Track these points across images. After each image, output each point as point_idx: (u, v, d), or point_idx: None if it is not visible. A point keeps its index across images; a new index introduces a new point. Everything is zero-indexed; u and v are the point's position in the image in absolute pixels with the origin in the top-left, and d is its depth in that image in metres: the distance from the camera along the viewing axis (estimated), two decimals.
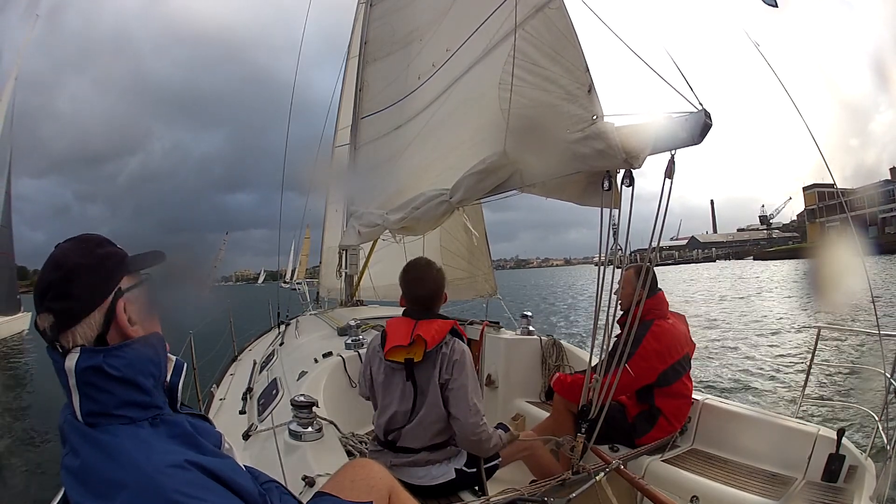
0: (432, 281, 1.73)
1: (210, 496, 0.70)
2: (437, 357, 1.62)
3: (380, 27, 4.03)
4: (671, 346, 2.10)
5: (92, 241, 0.81)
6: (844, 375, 5.84)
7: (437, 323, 1.66)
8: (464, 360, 1.62)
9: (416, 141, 3.28)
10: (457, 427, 1.62)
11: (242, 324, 4.80)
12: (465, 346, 1.68)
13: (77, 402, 0.74)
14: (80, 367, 0.73)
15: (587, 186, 1.79)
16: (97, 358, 0.74)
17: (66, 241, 0.80)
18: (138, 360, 0.77)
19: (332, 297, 5.96)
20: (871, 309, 1.78)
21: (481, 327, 3.12)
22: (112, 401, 0.74)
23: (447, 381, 1.61)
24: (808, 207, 52.89)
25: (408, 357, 1.63)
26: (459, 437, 1.64)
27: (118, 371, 0.74)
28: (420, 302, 1.73)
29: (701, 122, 1.43)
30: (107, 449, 0.70)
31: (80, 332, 0.75)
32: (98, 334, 0.76)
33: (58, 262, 0.77)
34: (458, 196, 2.28)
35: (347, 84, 5.67)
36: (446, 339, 1.64)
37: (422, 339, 1.61)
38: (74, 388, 0.74)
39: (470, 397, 1.60)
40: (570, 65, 1.80)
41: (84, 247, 0.79)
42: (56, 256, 0.78)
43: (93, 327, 0.76)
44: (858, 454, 1.77)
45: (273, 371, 2.76)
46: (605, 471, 1.63)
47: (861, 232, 24.54)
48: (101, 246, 0.81)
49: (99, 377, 0.74)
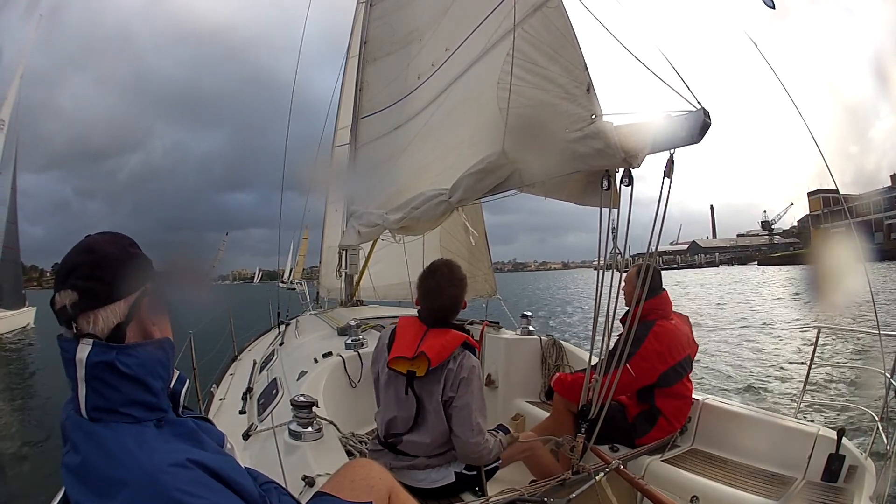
0: (448, 296, 1.65)
1: (211, 495, 0.70)
2: (443, 374, 1.57)
3: (379, 27, 4.04)
4: (673, 346, 2.10)
5: (126, 240, 0.83)
6: (844, 375, 5.84)
7: (448, 336, 1.60)
8: (471, 377, 1.57)
9: (416, 140, 3.28)
10: (457, 443, 1.59)
11: (241, 323, 4.80)
12: (476, 360, 1.62)
13: (83, 396, 0.73)
14: (92, 361, 0.73)
15: (586, 186, 1.78)
16: (110, 354, 0.74)
17: (99, 234, 0.82)
18: (150, 361, 0.77)
19: (332, 297, 5.96)
20: (872, 311, 1.79)
21: (481, 327, 3.12)
22: (119, 398, 0.74)
23: (451, 399, 1.57)
24: (813, 213, 52.89)
25: (410, 369, 1.59)
26: (459, 453, 1.62)
27: (130, 369, 0.74)
28: (433, 314, 1.67)
29: (700, 120, 1.43)
30: (109, 446, 0.70)
31: (102, 316, 0.75)
32: (119, 323, 0.76)
33: (90, 247, 0.78)
34: (458, 196, 2.27)
35: (347, 84, 5.67)
36: (455, 353, 1.58)
37: (425, 356, 1.56)
38: (82, 380, 0.73)
39: (473, 417, 1.56)
40: (568, 64, 1.80)
41: (118, 241, 0.81)
42: (88, 242, 0.79)
43: (116, 315, 0.76)
44: (858, 454, 1.77)
45: (273, 371, 2.75)
46: (604, 471, 1.62)
47: (866, 238, 24.42)
48: (133, 246, 0.83)
49: (109, 373, 0.73)
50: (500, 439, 1.69)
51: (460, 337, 1.61)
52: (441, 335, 1.61)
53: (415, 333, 1.64)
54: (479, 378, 1.61)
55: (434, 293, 1.65)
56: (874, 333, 1.94)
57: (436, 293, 1.65)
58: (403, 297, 5.06)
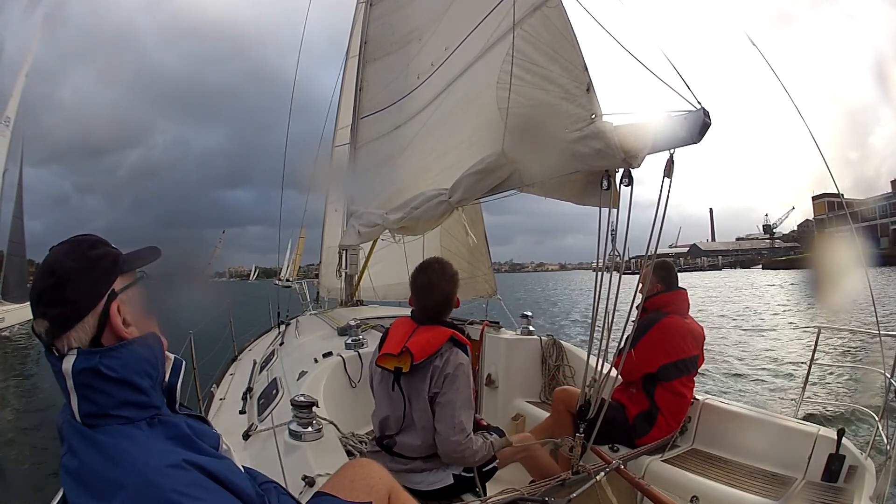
0: (440, 293, 1.65)
1: (208, 496, 0.70)
2: (429, 370, 1.57)
3: (379, 27, 4.03)
4: (677, 342, 2.12)
5: (85, 244, 0.80)
6: (844, 375, 5.84)
7: (434, 332, 1.60)
8: (457, 374, 1.56)
9: (416, 140, 3.28)
10: (438, 441, 1.57)
11: (238, 322, 4.79)
12: (465, 356, 1.61)
13: (75, 404, 0.74)
14: (77, 369, 0.73)
15: (586, 186, 1.78)
16: (93, 359, 0.74)
17: (60, 244, 0.80)
18: (134, 361, 0.77)
19: (332, 297, 5.96)
20: (871, 313, 1.79)
21: (481, 327, 3.12)
22: (109, 402, 0.74)
23: (436, 395, 1.57)
24: (818, 217, 52.76)
25: (397, 366, 1.60)
26: (441, 451, 1.59)
27: (114, 372, 0.75)
28: (425, 311, 1.67)
29: (700, 120, 1.42)
30: (105, 449, 0.70)
31: (74, 336, 0.75)
32: (92, 337, 0.76)
33: (51, 268, 0.77)
34: (458, 196, 2.27)
35: (347, 84, 5.67)
36: (442, 349, 1.58)
37: (408, 352, 1.56)
38: (72, 389, 0.74)
39: (455, 415, 1.54)
40: (568, 64, 1.80)
41: (77, 250, 0.79)
42: (49, 262, 0.78)
43: (87, 331, 0.76)
44: (858, 454, 1.77)
45: (273, 371, 2.75)
46: (605, 471, 1.62)
47: (872, 243, 24.63)
48: (93, 248, 0.80)
49: (95, 378, 0.74)
50: (490, 442, 1.66)
51: (447, 332, 1.61)
52: (428, 331, 1.61)
53: (404, 331, 1.65)
54: (466, 376, 1.59)
55: (426, 290, 1.66)
56: (874, 333, 1.94)
57: (428, 290, 1.66)
58: (403, 297, 5.03)
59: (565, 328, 13.54)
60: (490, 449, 1.64)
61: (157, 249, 0.87)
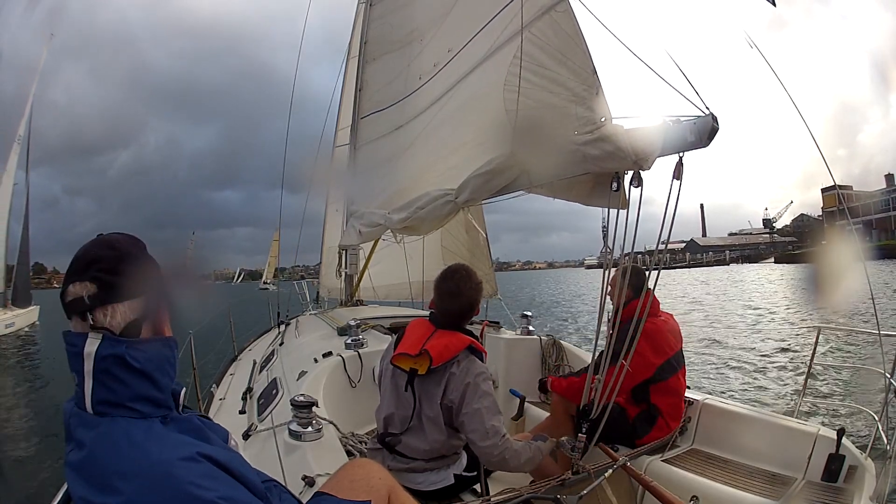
0: (466, 299, 1.66)
1: (222, 487, 0.70)
2: (445, 376, 1.57)
3: (380, 27, 4.03)
4: (664, 341, 2.13)
5: (141, 243, 0.83)
6: (844, 375, 5.84)
7: (453, 338, 1.60)
8: (478, 382, 1.55)
9: (418, 141, 3.28)
10: (476, 451, 1.57)
11: (232, 322, 4.79)
12: (484, 366, 1.61)
13: (89, 389, 0.73)
14: (102, 354, 0.73)
15: (595, 187, 1.80)
16: (120, 347, 0.74)
17: (115, 233, 0.82)
18: (158, 358, 0.78)
19: (332, 297, 5.96)
20: (872, 312, 1.79)
21: (481, 327, 3.12)
22: (127, 393, 0.74)
23: (457, 406, 1.55)
24: (827, 209, 52.52)
25: (413, 367, 1.60)
26: (483, 461, 1.60)
27: (139, 363, 0.75)
28: (447, 315, 1.67)
29: (709, 126, 1.45)
30: (116, 439, 0.70)
31: (120, 310, 0.75)
32: (136, 319, 0.77)
33: (111, 244, 0.78)
34: (465, 196, 2.27)
35: (347, 84, 5.67)
36: (459, 357, 1.58)
37: (427, 354, 1.56)
38: (89, 373, 0.73)
39: (485, 421, 1.52)
40: (577, 67, 1.81)
41: (136, 243, 0.82)
42: (108, 239, 0.79)
43: (134, 311, 0.76)
44: (858, 454, 1.77)
45: (273, 371, 2.75)
46: (612, 468, 1.62)
47: (881, 236, 24.73)
48: (146, 249, 0.83)
49: (118, 366, 0.74)
50: (539, 446, 1.64)
51: (466, 340, 1.61)
52: (447, 336, 1.61)
53: (422, 333, 1.65)
54: (487, 381, 1.59)
55: (453, 295, 1.66)
56: (874, 333, 1.94)
57: (455, 295, 1.66)
58: (404, 297, 5.06)
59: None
60: (538, 453, 1.63)
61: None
